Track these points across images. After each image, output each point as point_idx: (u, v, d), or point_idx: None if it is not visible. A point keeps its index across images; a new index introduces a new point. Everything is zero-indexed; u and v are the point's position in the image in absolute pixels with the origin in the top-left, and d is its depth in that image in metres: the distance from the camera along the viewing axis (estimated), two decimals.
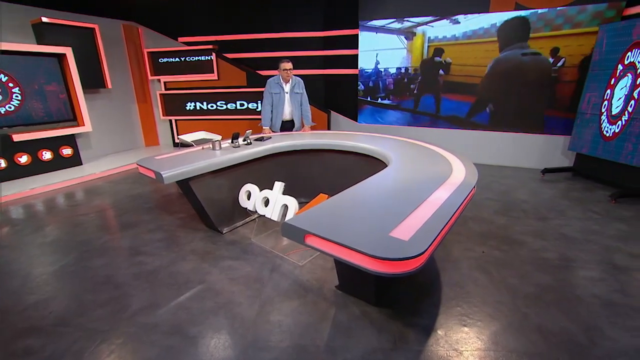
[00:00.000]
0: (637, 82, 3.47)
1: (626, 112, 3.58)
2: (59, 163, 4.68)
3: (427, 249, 1.19)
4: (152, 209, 3.38)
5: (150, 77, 6.05)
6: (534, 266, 2.27)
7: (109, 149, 5.75)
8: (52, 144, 4.57)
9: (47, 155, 4.53)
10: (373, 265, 1.18)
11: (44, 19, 4.39)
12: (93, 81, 5.07)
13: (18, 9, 4.37)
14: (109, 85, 5.27)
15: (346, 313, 1.82)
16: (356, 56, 5.43)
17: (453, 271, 2.21)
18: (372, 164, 2.78)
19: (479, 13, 4.58)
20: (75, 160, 4.88)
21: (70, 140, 4.78)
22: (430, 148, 2.85)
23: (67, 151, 4.75)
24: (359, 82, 5.55)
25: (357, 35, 5.30)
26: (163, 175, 2.27)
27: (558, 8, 4.20)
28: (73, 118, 4.80)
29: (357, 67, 5.48)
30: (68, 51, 4.52)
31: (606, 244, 2.57)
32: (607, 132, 3.82)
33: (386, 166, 2.42)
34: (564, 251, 2.46)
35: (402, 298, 1.94)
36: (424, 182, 1.94)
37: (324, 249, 1.32)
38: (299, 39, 5.59)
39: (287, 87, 3.66)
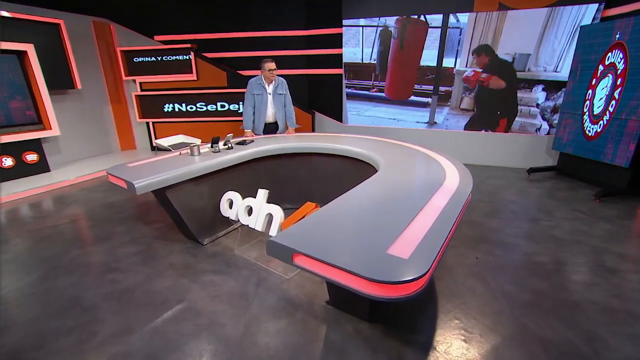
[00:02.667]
0: (618, 83, 3.52)
1: (607, 112, 3.63)
2: (23, 170, 4.32)
3: (429, 269, 1.08)
4: (127, 219, 3.15)
5: (124, 78, 5.72)
6: (529, 271, 2.22)
7: (81, 153, 5.39)
8: (14, 149, 4.20)
9: (7, 161, 4.16)
10: (371, 289, 1.06)
11: (2, 13, 4.04)
12: (60, 81, 4.72)
13: None
14: (79, 86, 4.93)
15: (339, 331, 1.69)
16: (340, 55, 5.31)
17: (448, 279, 2.12)
18: (361, 168, 2.66)
19: (463, 12, 4.56)
20: (41, 167, 4.52)
21: (35, 145, 4.43)
22: (419, 150, 2.76)
23: (31, 157, 4.39)
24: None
25: (341, 34, 5.18)
26: (135, 186, 2.08)
27: (540, 9, 4.24)
28: (38, 121, 4.45)
29: (341, 67, 5.37)
30: (29, 48, 4.18)
31: (595, 245, 2.56)
32: (589, 131, 3.86)
33: (376, 171, 2.31)
34: (555, 254, 2.43)
35: (397, 312, 1.83)
36: (417, 188, 1.84)
37: (315, 270, 1.18)
38: (281, 38, 5.42)
39: (269, 88, 3.50)
